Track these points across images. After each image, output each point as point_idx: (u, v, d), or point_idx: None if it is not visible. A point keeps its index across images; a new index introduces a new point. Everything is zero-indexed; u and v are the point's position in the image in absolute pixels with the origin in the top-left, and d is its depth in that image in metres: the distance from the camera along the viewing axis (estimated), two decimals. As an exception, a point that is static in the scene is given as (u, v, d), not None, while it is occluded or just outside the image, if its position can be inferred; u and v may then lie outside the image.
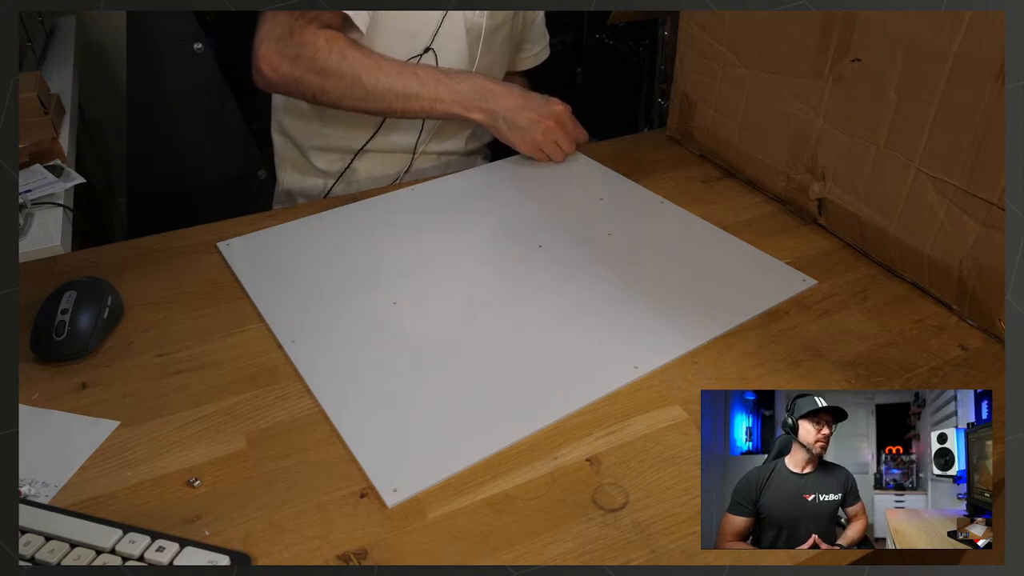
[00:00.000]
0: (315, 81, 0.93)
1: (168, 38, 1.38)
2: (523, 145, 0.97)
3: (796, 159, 0.85)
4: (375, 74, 0.93)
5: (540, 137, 0.96)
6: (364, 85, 0.93)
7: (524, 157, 1.00)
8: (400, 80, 0.94)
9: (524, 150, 0.98)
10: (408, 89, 0.94)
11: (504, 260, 0.81)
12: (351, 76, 0.92)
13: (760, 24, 0.85)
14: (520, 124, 0.96)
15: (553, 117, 0.97)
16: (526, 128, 0.96)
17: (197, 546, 0.50)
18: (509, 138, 0.97)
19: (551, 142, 0.97)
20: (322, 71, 0.92)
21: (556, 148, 0.98)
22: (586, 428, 0.61)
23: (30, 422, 0.61)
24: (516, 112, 0.96)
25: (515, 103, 0.96)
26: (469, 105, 0.96)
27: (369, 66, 0.93)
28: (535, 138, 0.97)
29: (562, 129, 0.98)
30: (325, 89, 0.93)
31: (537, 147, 0.97)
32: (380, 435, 0.60)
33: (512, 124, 0.96)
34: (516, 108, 0.96)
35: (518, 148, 0.98)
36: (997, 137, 0.64)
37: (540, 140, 0.97)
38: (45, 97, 1.20)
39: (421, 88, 0.94)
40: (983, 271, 0.68)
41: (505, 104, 0.96)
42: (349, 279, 0.77)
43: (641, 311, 0.73)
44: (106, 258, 0.81)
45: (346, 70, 0.92)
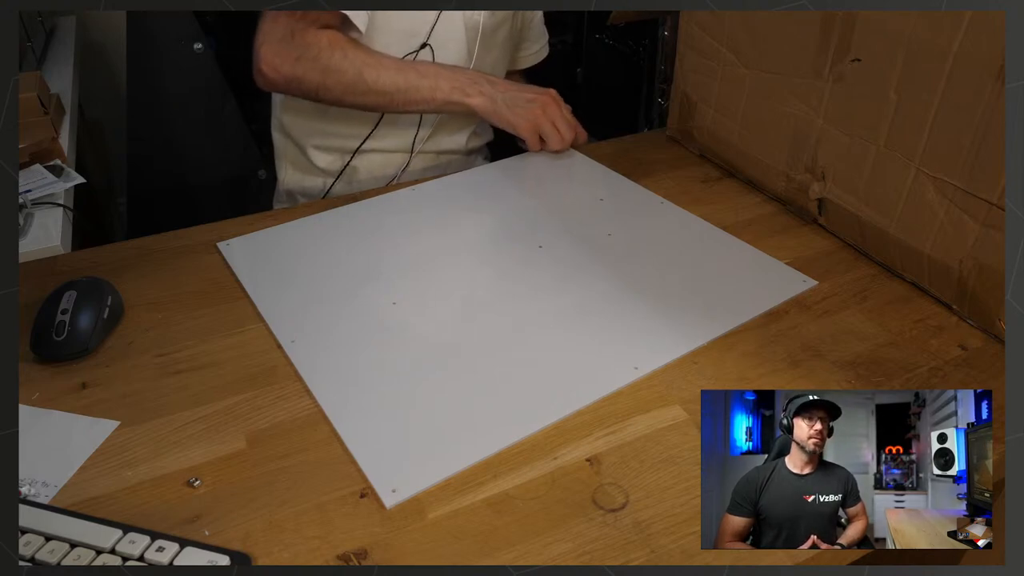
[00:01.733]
0: (317, 79, 0.95)
1: (168, 38, 1.38)
2: (522, 122, 0.98)
3: (796, 159, 0.85)
4: (376, 70, 0.95)
5: (539, 111, 0.98)
6: (366, 81, 0.95)
7: (524, 156, 1.01)
8: (401, 74, 0.96)
9: (523, 127, 0.98)
10: (408, 81, 0.96)
11: (504, 260, 0.81)
12: (353, 73, 0.95)
13: (760, 24, 0.85)
14: (518, 102, 0.98)
15: (550, 95, 0.99)
16: (524, 105, 0.98)
17: (197, 546, 0.50)
18: (508, 117, 0.98)
19: (548, 119, 0.98)
20: (324, 70, 0.94)
21: (554, 130, 0.99)
22: (586, 428, 0.61)
23: (30, 422, 0.61)
24: (513, 92, 0.99)
25: (511, 86, 1.00)
26: (468, 90, 0.98)
27: (370, 63, 0.95)
28: (534, 112, 0.98)
29: (559, 109, 0.99)
30: (327, 86, 0.95)
31: (536, 122, 0.98)
32: (379, 435, 0.60)
33: (510, 104, 0.98)
34: (513, 90, 0.99)
35: (517, 127, 0.99)
36: (997, 137, 0.64)
37: (539, 114, 0.98)
38: (45, 97, 1.20)
39: (420, 79, 0.97)
40: (983, 271, 0.68)
41: (502, 87, 1.00)
42: (349, 279, 0.77)
43: (641, 311, 0.73)
44: (106, 258, 0.81)
45: (348, 68, 0.94)
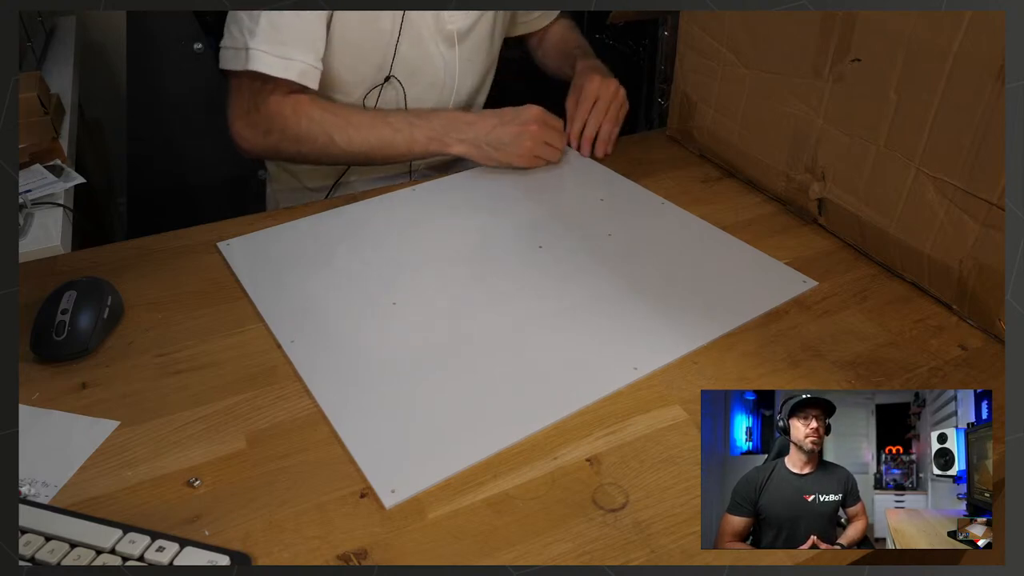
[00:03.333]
0: (292, 148, 0.95)
1: (168, 38, 1.38)
2: (517, 159, 0.95)
3: (796, 159, 0.85)
4: (346, 131, 0.93)
5: (530, 144, 0.94)
6: (338, 144, 0.93)
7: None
8: (373, 132, 0.94)
9: (520, 163, 0.96)
10: (382, 138, 0.94)
11: (504, 260, 0.81)
12: (324, 139, 0.93)
13: (760, 24, 0.85)
14: (505, 141, 0.94)
15: (534, 121, 0.94)
16: (513, 142, 0.94)
17: (197, 546, 0.50)
18: (499, 159, 0.95)
19: (542, 144, 0.96)
20: (296, 139, 0.93)
21: (549, 149, 0.96)
22: (586, 428, 0.61)
23: (30, 422, 0.61)
24: (496, 131, 0.94)
25: (491, 124, 0.95)
26: (447, 140, 0.95)
27: (339, 125, 0.93)
28: (525, 146, 0.94)
29: (547, 129, 0.96)
30: (303, 153, 0.95)
31: (531, 155, 0.95)
32: (379, 436, 0.60)
33: (497, 144, 0.94)
34: (494, 128, 0.94)
35: (513, 164, 0.96)
36: (997, 137, 0.64)
37: (531, 147, 0.95)
38: (45, 97, 1.20)
39: (395, 135, 0.94)
40: (983, 271, 0.68)
41: (482, 129, 0.95)
42: (349, 279, 0.77)
43: (641, 311, 0.73)
44: (106, 258, 0.81)
45: (317, 133, 0.93)
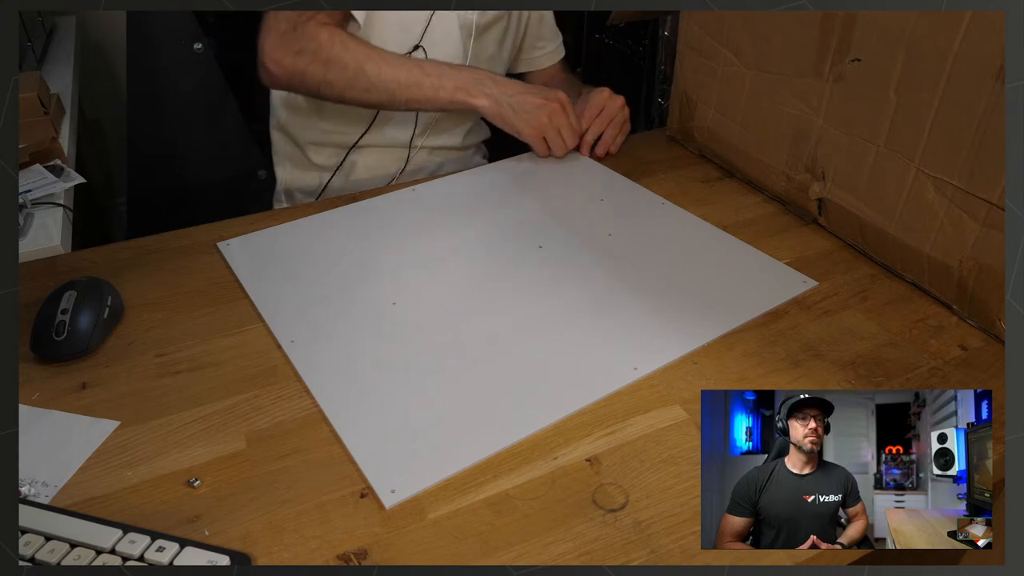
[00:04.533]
0: (319, 73, 0.93)
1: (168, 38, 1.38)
2: (528, 129, 0.96)
3: (796, 159, 0.85)
4: (378, 64, 0.94)
5: (545, 119, 0.95)
6: (367, 74, 0.93)
7: (524, 157, 1.00)
8: (403, 70, 0.94)
9: (528, 134, 0.96)
10: (411, 77, 0.94)
11: (504, 260, 0.81)
12: (355, 66, 0.93)
13: (760, 24, 0.85)
14: (525, 108, 0.96)
15: (558, 101, 0.96)
16: (531, 111, 0.95)
17: (197, 546, 0.50)
18: (513, 122, 0.96)
19: (555, 127, 0.96)
20: (326, 62, 0.93)
21: (558, 136, 0.97)
22: (586, 428, 0.61)
23: (30, 422, 0.61)
24: (520, 96, 0.96)
25: (519, 88, 0.97)
26: (473, 91, 0.95)
27: (372, 56, 0.94)
28: (540, 119, 0.95)
29: (566, 115, 0.97)
30: (329, 80, 0.94)
31: (541, 130, 0.96)
32: (379, 436, 0.60)
33: (517, 108, 0.96)
34: (520, 93, 0.96)
35: (522, 133, 0.96)
36: (997, 137, 0.64)
37: (545, 122, 0.95)
38: (45, 97, 1.20)
39: (424, 76, 0.94)
40: (983, 271, 0.68)
41: (509, 90, 0.96)
42: (349, 279, 0.77)
43: (641, 311, 0.73)
44: (106, 258, 0.81)
45: (349, 60, 0.93)
